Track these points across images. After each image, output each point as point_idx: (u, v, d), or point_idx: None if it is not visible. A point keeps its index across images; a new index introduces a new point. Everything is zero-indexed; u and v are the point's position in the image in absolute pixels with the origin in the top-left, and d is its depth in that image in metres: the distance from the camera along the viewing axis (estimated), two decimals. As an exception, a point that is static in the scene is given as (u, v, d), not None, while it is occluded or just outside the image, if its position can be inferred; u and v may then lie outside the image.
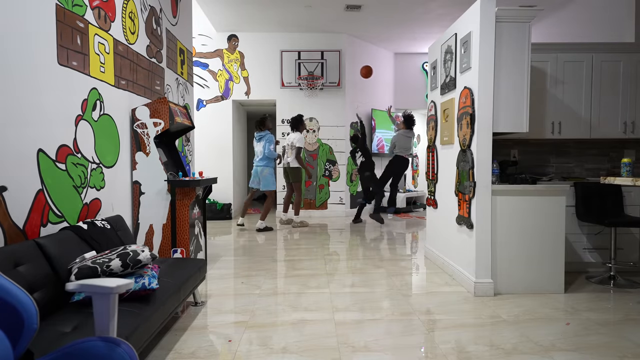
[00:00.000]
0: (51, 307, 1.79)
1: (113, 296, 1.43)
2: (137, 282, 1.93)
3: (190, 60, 4.85)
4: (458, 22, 3.42)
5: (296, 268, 3.90)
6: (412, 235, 5.70)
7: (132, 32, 3.22)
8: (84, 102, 2.51)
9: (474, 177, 3.06)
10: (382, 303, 2.93)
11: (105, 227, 2.43)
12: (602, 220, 3.31)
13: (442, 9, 6.09)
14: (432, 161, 4.14)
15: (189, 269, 2.57)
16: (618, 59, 3.78)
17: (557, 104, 3.78)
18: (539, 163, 4.17)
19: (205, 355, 2.13)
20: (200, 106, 7.23)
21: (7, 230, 1.84)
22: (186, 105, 4.62)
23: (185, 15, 4.66)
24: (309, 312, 2.74)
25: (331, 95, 7.38)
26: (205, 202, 3.83)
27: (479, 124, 3.05)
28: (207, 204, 6.99)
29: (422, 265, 4.03)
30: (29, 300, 1.21)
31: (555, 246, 3.08)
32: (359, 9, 6.10)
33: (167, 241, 3.22)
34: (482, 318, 2.63)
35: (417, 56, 8.58)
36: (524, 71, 3.04)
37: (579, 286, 3.28)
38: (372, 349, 2.20)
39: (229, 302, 2.96)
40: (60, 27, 2.25)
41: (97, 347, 1.26)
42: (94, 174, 2.62)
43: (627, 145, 4.15)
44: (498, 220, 3.07)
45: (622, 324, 2.53)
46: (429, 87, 4.30)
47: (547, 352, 2.15)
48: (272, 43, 7.28)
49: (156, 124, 3.19)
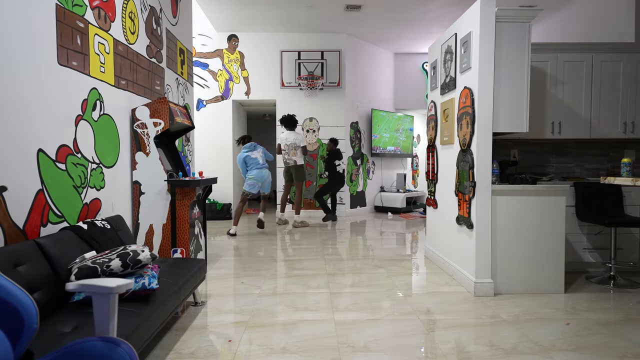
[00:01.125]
0: (51, 307, 1.79)
1: (113, 296, 1.43)
2: (137, 282, 1.93)
3: (190, 60, 4.85)
4: (458, 22, 3.42)
5: (296, 268, 3.90)
6: (412, 235, 5.70)
7: (132, 32, 3.22)
8: (84, 102, 2.51)
9: (474, 177, 3.06)
10: (382, 303, 2.93)
11: (105, 227, 2.43)
12: (602, 220, 3.31)
13: (442, 9, 6.09)
14: (432, 161, 4.14)
15: (189, 269, 2.57)
16: (618, 59, 3.78)
17: (557, 104, 3.78)
18: (539, 163, 4.17)
19: (205, 355, 2.13)
20: (200, 106, 7.23)
21: (7, 230, 1.84)
22: (186, 105, 4.62)
23: (185, 15, 4.66)
24: (309, 312, 2.74)
25: (331, 95, 7.38)
26: (205, 202, 3.83)
27: (479, 124, 3.05)
28: (207, 204, 6.99)
29: (422, 265, 4.02)
30: (29, 300, 1.21)
31: (555, 246, 3.08)
32: (359, 9, 6.10)
33: (167, 241, 3.22)
34: (482, 318, 2.63)
35: (417, 56, 8.58)
36: (524, 71, 3.04)
37: (579, 286, 3.28)
38: (372, 349, 2.20)
39: (229, 302, 2.96)
40: (60, 27, 2.25)
41: (97, 347, 1.26)
42: (94, 174, 2.62)
43: (627, 145, 4.15)
44: (498, 220, 3.06)
45: (622, 324, 2.53)
46: (429, 87, 4.30)
47: (547, 352, 2.15)
48: (272, 43, 7.28)
49: (156, 124, 3.19)
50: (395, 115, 8.38)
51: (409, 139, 8.77)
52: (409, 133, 8.74)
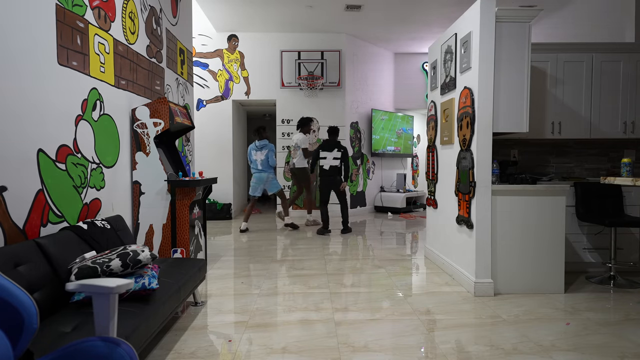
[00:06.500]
0: (51, 307, 1.79)
1: (113, 296, 1.43)
2: (137, 282, 1.93)
3: (190, 60, 4.85)
4: (458, 22, 3.42)
5: (296, 268, 3.90)
6: (412, 235, 5.70)
7: (132, 32, 3.22)
8: (84, 102, 2.51)
9: (474, 177, 3.06)
10: (382, 303, 2.93)
11: (105, 227, 2.43)
12: (602, 220, 3.31)
13: (442, 9, 6.09)
14: (432, 161, 4.14)
15: (189, 269, 2.57)
16: (618, 59, 3.78)
17: (557, 104, 3.78)
18: (539, 163, 4.17)
19: (205, 355, 2.13)
20: (200, 106, 7.23)
21: (7, 230, 1.84)
22: (186, 105, 4.62)
23: (185, 15, 4.66)
24: (308, 312, 2.74)
25: (331, 95, 7.38)
26: (205, 202, 3.83)
27: (479, 124, 3.05)
28: (207, 204, 6.99)
29: (422, 265, 4.02)
30: (29, 300, 1.21)
31: (555, 246, 3.08)
32: (359, 9, 6.10)
33: (167, 241, 3.22)
34: (482, 318, 2.63)
35: (417, 56, 8.58)
36: (524, 71, 3.04)
37: (579, 286, 3.28)
38: (372, 349, 2.20)
39: (229, 302, 2.96)
40: (60, 27, 2.25)
41: (97, 347, 1.26)
42: (94, 174, 2.62)
43: (627, 145, 4.15)
44: (498, 220, 3.06)
45: (622, 324, 2.53)
46: (429, 87, 4.30)
47: (547, 352, 2.15)
48: (272, 43, 7.28)
49: (156, 124, 3.19)
50: (398, 116, 8.37)
51: (409, 139, 8.76)
52: (409, 135, 8.74)
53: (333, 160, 5.58)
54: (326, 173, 5.62)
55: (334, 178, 5.62)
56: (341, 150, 5.60)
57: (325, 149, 5.62)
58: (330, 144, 5.66)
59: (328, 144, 5.66)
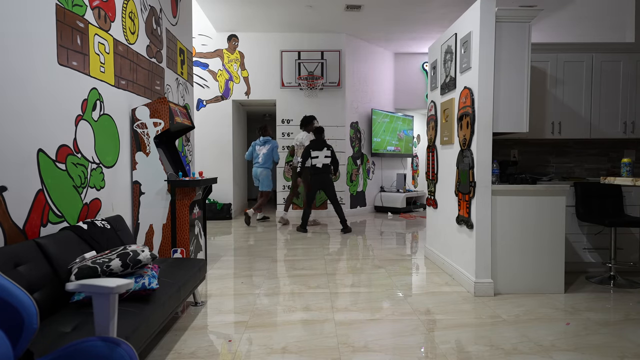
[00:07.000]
0: (51, 307, 1.79)
1: (113, 296, 1.43)
2: (137, 282, 1.93)
3: (190, 60, 4.85)
4: (458, 22, 3.42)
5: (296, 268, 3.90)
6: (412, 235, 5.70)
7: (132, 32, 3.22)
8: (84, 102, 2.51)
9: (474, 177, 3.06)
10: (382, 303, 2.93)
11: (105, 227, 2.43)
12: (602, 220, 3.31)
13: (442, 9, 6.09)
14: (432, 161, 4.14)
15: (189, 269, 2.58)
16: (618, 59, 3.78)
17: (557, 104, 3.78)
18: (539, 163, 4.17)
19: (205, 355, 2.13)
20: (200, 106, 7.22)
21: (7, 230, 1.84)
22: (186, 105, 4.62)
23: (185, 15, 4.66)
24: (309, 312, 2.74)
25: (331, 95, 7.38)
26: (205, 202, 3.83)
27: (479, 124, 3.05)
28: (207, 204, 7.00)
29: (422, 265, 4.02)
30: (29, 300, 1.21)
31: (555, 246, 3.08)
32: (359, 9, 6.10)
33: (167, 241, 3.22)
34: (482, 318, 2.63)
35: (417, 56, 8.58)
36: (524, 71, 3.04)
37: (579, 286, 3.28)
38: (372, 349, 2.20)
39: (229, 302, 2.96)
40: (60, 27, 2.25)
41: (97, 347, 1.26)
42: (94, 174, 2.62)
43: (627, 145, 4.15)
44: (498, 220, 3.07)
45: (622, 324, 2.53)
46: (429, 87, 4.30)
47: (547, 352, 2.15)
48: (272, 43, 7.28)
49: (156, 124, 3.19)
50: (398, 117, 8.37)
51: (410, 141, 8.76)
52: (409, 137, 8.74)
53: (325, 159, 5.77)
54: (319, 171, 5.76)
55: (327, 175, 5.80)
56: (330, 148, 5.82)
57: (316, 148, 5.77)
58: (318, 143, 5.80)
59: (317, 143, 5.80)
